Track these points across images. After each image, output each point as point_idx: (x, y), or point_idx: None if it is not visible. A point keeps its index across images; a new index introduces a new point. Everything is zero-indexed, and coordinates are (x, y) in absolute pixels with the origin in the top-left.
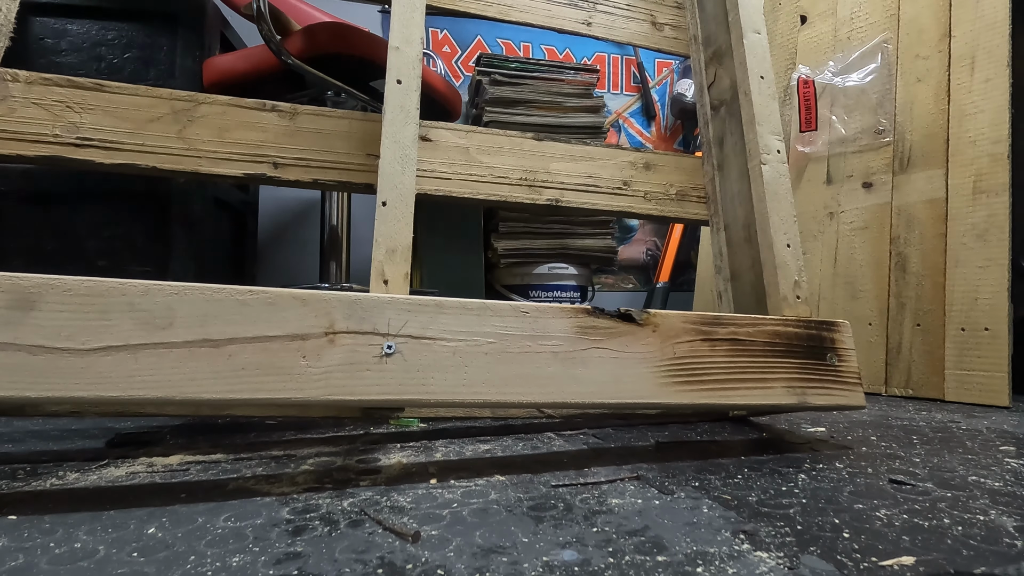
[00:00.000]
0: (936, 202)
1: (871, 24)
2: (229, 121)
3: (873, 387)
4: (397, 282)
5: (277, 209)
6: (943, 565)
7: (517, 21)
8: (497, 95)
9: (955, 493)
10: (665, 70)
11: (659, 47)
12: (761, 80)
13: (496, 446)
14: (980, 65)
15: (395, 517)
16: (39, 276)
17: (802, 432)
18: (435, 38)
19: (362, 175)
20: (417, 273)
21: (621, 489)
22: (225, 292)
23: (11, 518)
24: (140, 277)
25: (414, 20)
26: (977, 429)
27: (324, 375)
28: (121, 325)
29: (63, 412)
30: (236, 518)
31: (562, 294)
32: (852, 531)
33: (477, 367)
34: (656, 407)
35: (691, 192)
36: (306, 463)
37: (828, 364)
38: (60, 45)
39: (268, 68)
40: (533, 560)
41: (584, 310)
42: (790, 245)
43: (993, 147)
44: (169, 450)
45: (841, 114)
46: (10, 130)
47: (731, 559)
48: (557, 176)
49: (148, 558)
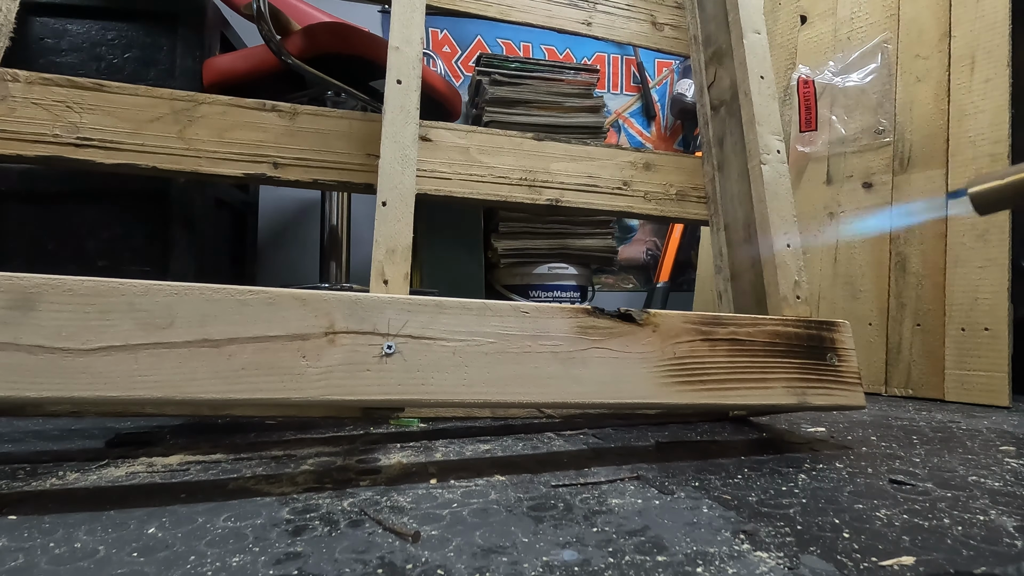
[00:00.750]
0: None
1: (871, 24)
2: (229, 121)
3: (873, 387)
4: (397, 282)
5: (277, 209)
6: (943, 565)
7: (517, 21)
8: (497, 95)
9: (955, 493)
10: (665, 70)
11: (659, 47)
12: (761, 80)
13: (496, 446)
14: (980, 65)
15: (395, 517)
16: (39, 276)
17: (802, 432)
18: (435, 38)
19: (362, 175)
20: (417, 273)
21: (621, 489)
22: (225, 292)
23: (11, 518)
24: (140, 277)
25: (414, 20)
26: (977, 429)
27: (324, 375)
28: (121, 325)
29: (63, 412)
30: (236, 518)
31: (562, 294)
32: (852, 531)
33: (477, 367)
34: (656, 407)
35: (691, 192)
36: (306, 463)
37: (828, 364)
38: (60, 45)
39: (268, 68)
40: (533, 560)
41: (584, 310)
42: (790, 245)
43: (993, 147)
44: (169, 450)
45: (841, 114)
46: (10, 130)
47: (731, 559)
48: (557, 176)
49: (148, 558)
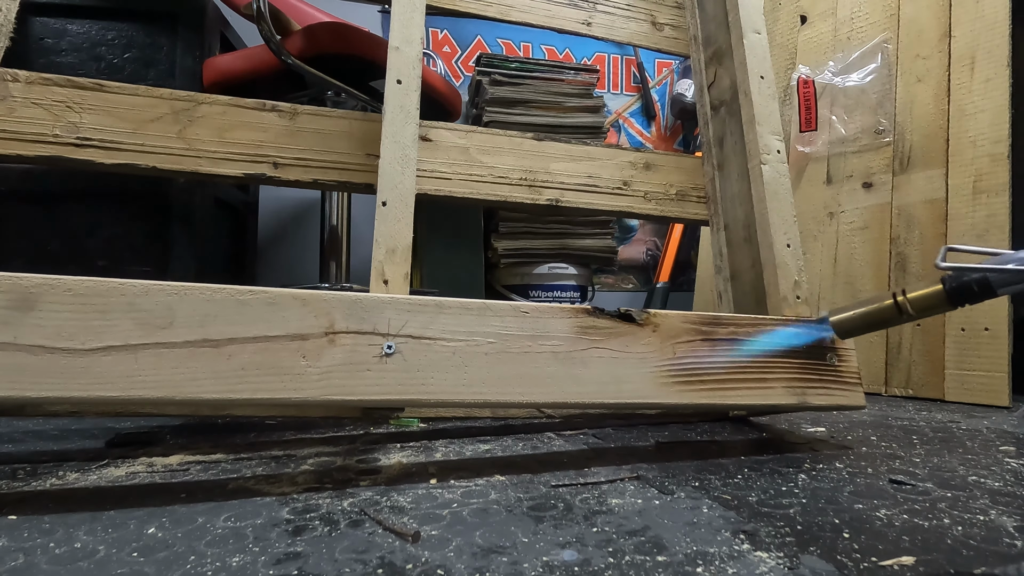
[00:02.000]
0: (936, 202)
1: (871, 24)
2: (229, 121)
3: (873, 387)
4: (397, 282)
5: (277, 209)
6: (943, 565)
7: (517, 21)
8: (497, 95)
9: (955, 493)
10: (665, 70)
11: (659, 47)
12: (761, 80)
13: (496, 446)
14: (980, 65)
15: (395, 517)
16: (39, 276)
17: (802, 432)
18: (435, 38)
19: (362, 175)
20: (417, 273)
21: (621, 489)
22: (225, 292)
23: (11, 518)
24: (140, 277)
25: (414, 20)
26: (977, 429)
27: (324, 375)
28: (121, 325)
29: (63, 412)
30: (236, 518)
31: (562, 294)
32: (852, 531)
33: (477, 367)
34: (656, 407)
35: (691, 192)
36: (306, 463)
37: (828, 364)
38: (60, 45)
39: (268, 68)
40: (533, 560)
41: (584, 310)
42: (790, 245)
43: (993, 147)
44: (169, 450)
45: (841, 114)
46: (10, 130)
47: (731, 559)
48: (557, 176)
49: (148, 558)
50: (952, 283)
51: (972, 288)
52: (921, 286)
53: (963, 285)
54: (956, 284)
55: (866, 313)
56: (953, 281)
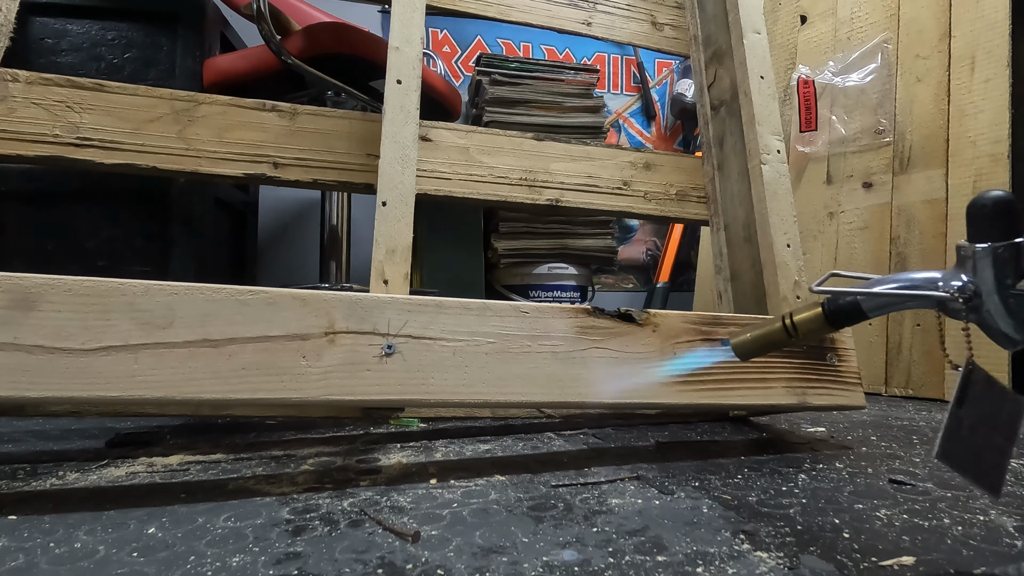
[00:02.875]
0: (936, 202)
1: (871, 24)
2: (229, 121)
3: (873, 387)
4: (397, 282)
5: (277, 209)
6: (943, 565)
7: (517, 21)
8: (497, 95)
9: (955, 493)
10: (665, 70)
11: (659, 47)
12: (761, 80)
13: (496, 446)
14: (980, 65)
15: (395, 517)
16: (39, 276)
17: (802, 432)
18: (435, 38)
19: (362, 175)
20: (417, 273)
21: (621, 489)
22: (225, 292)
23: (11, 518)
24: (140, 277)
25: (414, 20)
26: None
27: (324, 375)
28: (121, 325)
29: (63, 412)
30: (236, 518)
31: (562, 294)
32: (852, 531)
33: (477, 367)
34: (656, 407)
35: (691, 192)
36: (306, 463)
37: (828, 364)
38: (60, 45)
39: (268, 68)
40: (533, 560)
41: (584, 310)
42: (790, 245)
43: (993, 147)
44: (169, 450)
45: (841, 114)
46: (10, 130)
47: (731, 559)
48: (557, 176)
49: (148, 558)
50: (830, 306)
51: (846, 311)
52: (804, 309)
53: (839, 308)
54: (833, 307)
55: (759, 336)
56: (831, 304)
